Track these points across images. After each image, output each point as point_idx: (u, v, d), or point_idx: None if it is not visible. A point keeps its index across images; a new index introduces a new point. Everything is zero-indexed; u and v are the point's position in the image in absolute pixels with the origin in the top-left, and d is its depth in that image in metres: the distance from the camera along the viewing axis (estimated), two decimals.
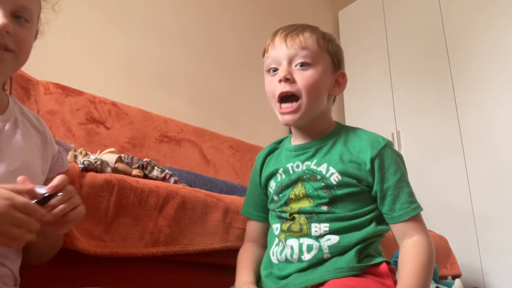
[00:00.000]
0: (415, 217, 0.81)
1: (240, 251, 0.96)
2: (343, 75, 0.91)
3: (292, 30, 0.85)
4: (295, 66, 0.83)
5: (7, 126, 0.70)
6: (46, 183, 0.74)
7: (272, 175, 0.91)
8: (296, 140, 0.92)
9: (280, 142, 0.98)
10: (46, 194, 0.60)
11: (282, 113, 0.84)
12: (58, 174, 0.75)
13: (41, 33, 0.76)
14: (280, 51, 0.84)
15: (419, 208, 0.82)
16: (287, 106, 0.84)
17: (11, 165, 0.67)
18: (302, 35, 0.84)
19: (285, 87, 0.82)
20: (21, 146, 0.71)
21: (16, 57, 0.68)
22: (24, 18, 0.68)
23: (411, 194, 0.82)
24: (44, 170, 0.76)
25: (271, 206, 0.91)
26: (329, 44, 0.87)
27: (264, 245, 0.93)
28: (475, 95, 2.53)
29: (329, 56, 0.87)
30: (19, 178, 0.60)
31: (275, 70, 0.85)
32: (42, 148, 0.77)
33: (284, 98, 0.84)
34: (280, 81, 0.83)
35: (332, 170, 0.82)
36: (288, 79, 0.82)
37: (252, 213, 0.98)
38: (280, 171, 0.89)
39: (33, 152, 0.73)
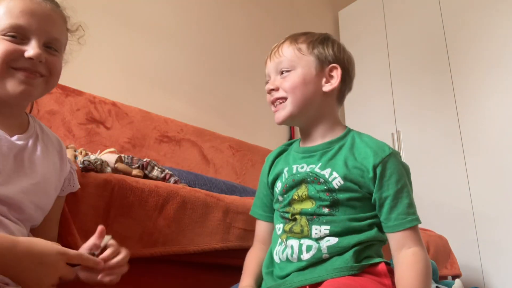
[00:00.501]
0: (411, 229, 0.80)
1: (249, 252, 0.97)
2: (336, 68, 0.90)
3: (276, 45, 0.94)
4: (280, 75, 0.91)
5: (29, 143, 0.76)
6: (57, 201, 0.80)
7: (279, 175, 0.93)
8: (304, 143, 0.94)
9: (290, 144, 1.01)
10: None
11: (274, 112, 0.92)
12: (69, 194, 0.84)
13: (65, 62, 0.83)
14: (268, 67, 0.94)
15: (415, 221, 0.81)
16: (276, 106, 0.92)
17: (33, 179, 0.74)
18: (281, 46, 0.92)
19: (273, 96, 0.91)
20: (41, 161, 0.76)
21: (47, 82, 0.77)
22: (54, 48, 0.78)
23: (410, 206, 0.81)
24: (56, 188, 0.80)
25: (275, 206, 0.93)
26: (311, 46, 0.91)
27: None
28: (475, 95, 2.53)
29: (312, 57, 0.90)
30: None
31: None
32: (60, 166, 0.82)
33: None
34: (268, 92, 0.92)
35: (335, 174, 0.83)
36: (273, 89, 0.90)
37: (260, 213, 0.99)
38: (285, 170, 0.91)
39: (49, 168, 0.78)
